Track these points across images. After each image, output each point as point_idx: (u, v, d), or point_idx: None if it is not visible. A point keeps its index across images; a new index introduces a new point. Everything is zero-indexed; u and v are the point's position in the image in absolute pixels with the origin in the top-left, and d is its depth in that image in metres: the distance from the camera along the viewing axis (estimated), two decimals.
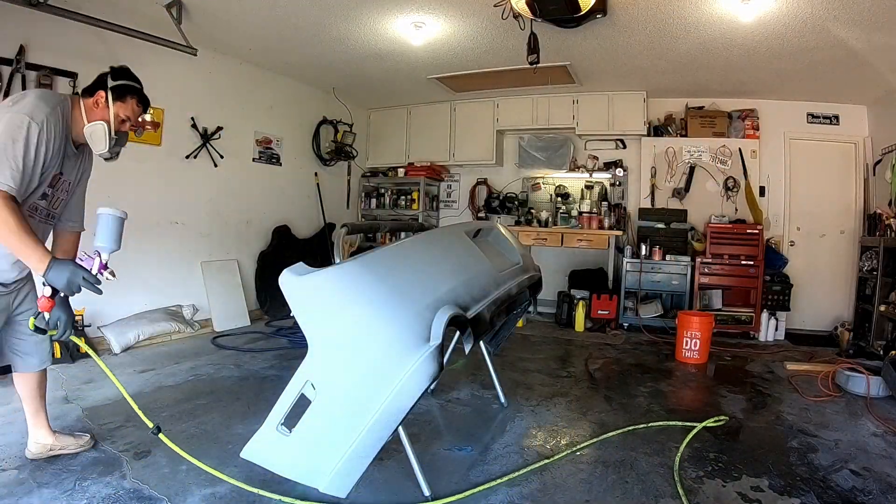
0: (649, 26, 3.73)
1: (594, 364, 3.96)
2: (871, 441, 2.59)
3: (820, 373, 3.57)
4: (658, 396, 3.24)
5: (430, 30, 3.97)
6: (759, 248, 4.94)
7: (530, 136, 6.07)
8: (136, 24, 3.66)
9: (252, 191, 5.18)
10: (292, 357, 3.81)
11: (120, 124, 1.90)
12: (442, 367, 1.60)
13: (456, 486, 2.04)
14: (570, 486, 2.07)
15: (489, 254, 2.37)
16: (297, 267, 1.65)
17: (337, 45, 4.41)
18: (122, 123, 1.91)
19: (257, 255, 5.26)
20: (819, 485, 2.10)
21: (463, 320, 1.78)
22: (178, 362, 3.58)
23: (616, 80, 5.14)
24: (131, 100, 1.91)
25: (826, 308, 5.30)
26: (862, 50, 3.82)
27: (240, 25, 4.03)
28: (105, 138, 1.83)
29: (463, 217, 6.58)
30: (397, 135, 6.61)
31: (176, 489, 1.93)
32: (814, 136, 5.33)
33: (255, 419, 2.53)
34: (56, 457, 2.12)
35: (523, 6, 3.25)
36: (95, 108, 1.85)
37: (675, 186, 5.55)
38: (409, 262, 1.89)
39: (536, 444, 2.47)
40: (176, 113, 4.34)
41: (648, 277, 5.20)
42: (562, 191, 6.06)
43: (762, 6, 3.26)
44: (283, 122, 5.51)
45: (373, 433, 1.57)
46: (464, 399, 3.07)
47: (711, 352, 4.16)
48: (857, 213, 5.21)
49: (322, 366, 1.63)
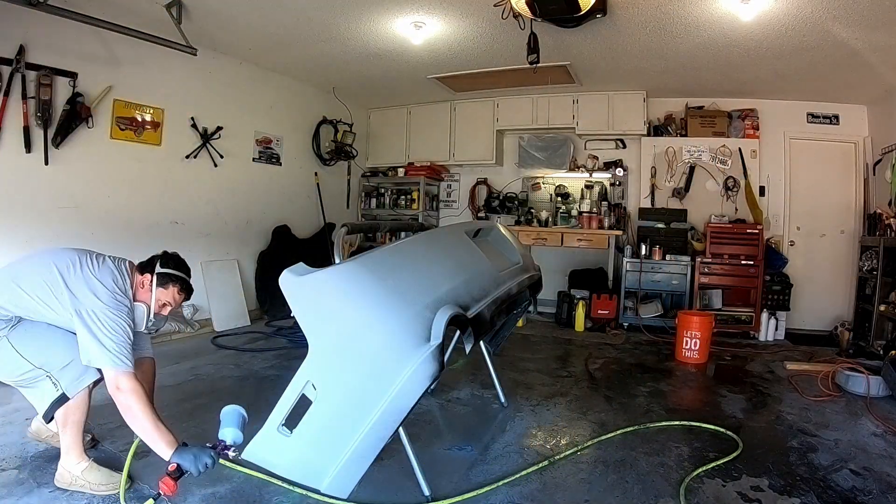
0: (649, 26, 3.73)
1: (594, 364, 3.96)
2: (871, 441, 2.60)
3: (820, 373, 3.57)
4: (658, 396, 3.24)
5: (430, 30, 3.97)
6: (759, 247, 4.94)
7: (530, 136, 6.07)
8: (136, 23, 3.65)
9: (252, 191, 5.18)
10: (292, 357, 3.81)
11: (160, 308, 2.01)
12: (442, 367, 1.60)
13: (456, 485, 2.04)
14: (570, 486, 2.07)
15: (489, 253, 2.37)
16: (297, 267, 1.65)
17: (337, 45, 4.41)
18: (162, 307, 2.02)
19: (257, 255, 5.26)
20: (819, 484, 2.11)
21: (463, 320, 1.78)
22: (178, 362, 3.58)
23: (616, 79, 5.14)
24: (173, 287, 2.02)
25: (826, 308, 5.30)
26: (862, 50, 3.82)
27: (240, 25, 4.03)
28: (143, 319, 1.97)
29: (463, 217, 6.58)
30: (397, 135, 6.61)
31: None
32: (814, 135, 5.33)
33: (255, 419, 2.52)
34: (56, 456, 2.11)
35: (523, 6, 3.25)
36: (141, 288, 1.99)
37: (675, 186, 5.55)
38: (409, 261, 1.89)
39: (536, 444, 2.47)
40: (176, 113, 4.34)
41: (648, 277, 5.19)
42: (562, 191, 6.06)
43: (762, 6, 3.26)
44: (283, 122, 5.50)
45: (373, 433, 1.57)
46: (464, 399, 3.07)
47: (711, 352, 4.16)
48: (856, 212, 5.21)
49: (323, 366, 1.63)
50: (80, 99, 3.58)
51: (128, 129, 3.98)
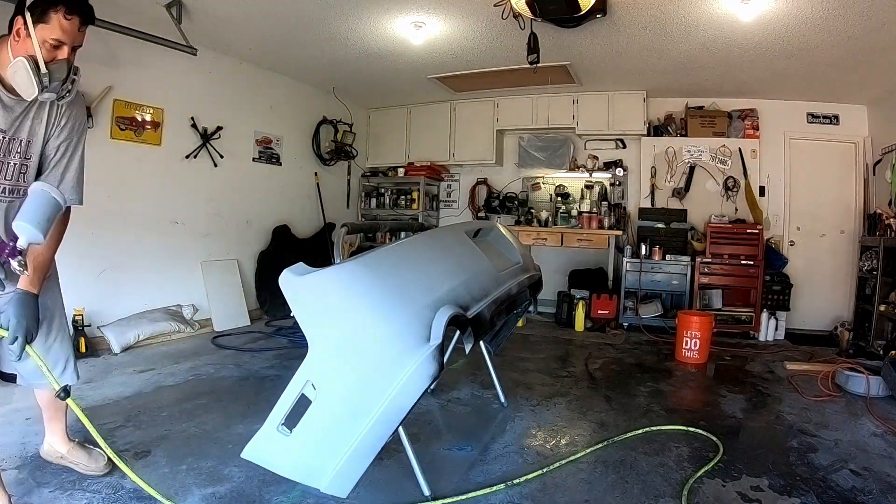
0: (649, 26, 3.73)
1: (594, 364, 3.96)
2: (870, 441, 2.60)
3: (820, 373, 3.58)
4: (658, 396, 3.24)
5: (430, 30, 3.97)
6: (759, 247, 4.94)
7: (530, 136, 6.07)
8: (135, 23, 3.65)
9: (252, 191, 5.18)
10: (292, 357, 3.81)
11: (52, 52, 1.43)
12: (442, 367, 1.60)
13: (456, 485, 2.04)
14: (570, 486, 2.07)
15: (489, 253, 2.37)
16: (297, 267, 1.65)
17: (337, 45, 4.41)
18: (54, 50, 1.43)
19: (257, 254, 5.26)
20: (819, 485, 2.10)
21: (463, 320, 1.78)
22: (178, 362, 3.58)
23: (616, 79, 5.14)
24: (55, 15, 1.40)
25: (826, 308, 5.30)
26: (862, 50, 3.82)
27: (240, 25, 4.03)
28: (30, 76, 1.39)
29: (463, 217, 6.58)
30: (397, 135, 6.61)
31: (176, 489, 1.93)
32: (814, 135, 5.33)
33: (255, 419, 2.53)
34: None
35: (523, 6, 3.25)
36: (17, 41, 1.42)
37: (675, 186, 5.55)
38: (409, 261, 1.89)
39: (536, 444, 2.47)
40: (176, 113, 4.34)
41: (648, 277, 5.20)
42: (562, 190, 6.06)
43: (762, 6, 3.26)
44: (283, 122, 5.51)
45: (373, 433, 1.57)
46: (464, 399, 3.07)
47: (711, 352, 4.16)
48: (856, 212, 5.21)
49: (322, 366, 1.63)
50: None
51: (128, 129, 3.98)
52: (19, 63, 1.39)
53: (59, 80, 1.46)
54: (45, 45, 1.41)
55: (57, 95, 1.48)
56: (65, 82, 1.48)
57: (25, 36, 1.40)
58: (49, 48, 1.42)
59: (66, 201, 1.56)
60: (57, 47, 1.43)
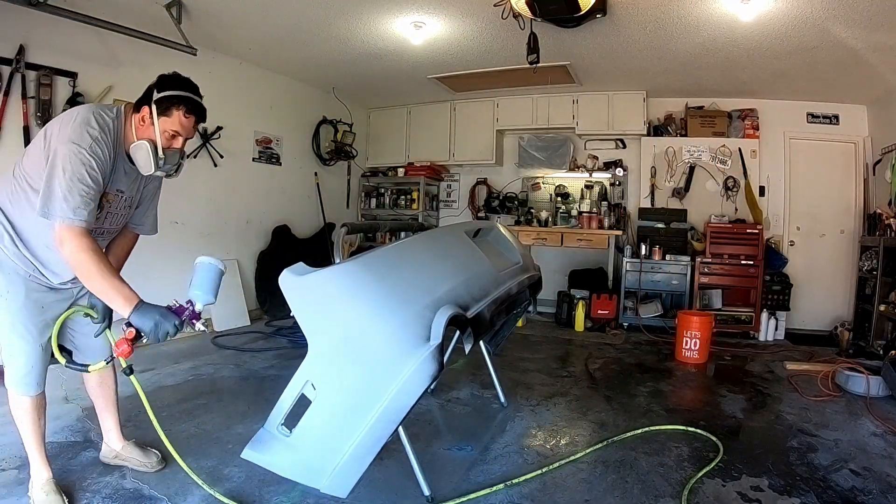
0: (649, 26, 3.73)
1: (594, 364, 3.96)
2: (870, 441, 2.60)
3: (820, 372, 3.58)
4: (658, 396, 3.24)
5: (430, 30, 3.97)
6: (758, 247, 4.94)
7: (530, 136, 6.07)
8: (135, 23, 3.65)
9: (252, 191, 5.18)
10: (292, 357, 3.81)
11: (169, 140, 1.70)
12: (442, 367, 1.60)
13: (456, 485, 2.04)
14: (570, 486, 2.07)
15: (489, 253, 2.37)
16: (296, 267, 1.65)
17: (337, 45, 4.41)
18: (171, 139, 1.70)
19: (257, 254, 5.26)
20: (819, 484, 2.11)
21: (463, 320, 1.78)
22: (177, 362, 3.59)
23: (616, 79, 5.14)
24: (177, 112, 1.68)
25: (826, 308, 5.30)
26: (862, 50, 3.82)
27: (240, 25, 4.03)
28: (149, 158, 1.66)
29: (463, 217, 6.58)
30: (397, 135, 6.61)
31: (176, 489, 1.93)
32: (814, 135, 5.33)
33: (255, 419, 2.54)
34: (55, 456, 2.11)
35: (523, 6, 3.25)
36: (142, 125, 1.69)
37: (675, 186, 5.55)
38: (408, 261, 1.89)
39: (536, 444, 2.48)
40: None
41: (648, 277, 5.19)
42: (562, 190, 6.06)
43: (762, 6, 3.26)
44: (283, 122, 5.50)
45: (373, 433, 1.57)
46: (464, 399, 3.07)
47: (711, 351, 4.16)
48: (856, 212, 5.21)
49: (322, 366, 1.63)
50: (80, 99, 3.58)
51: None
52: (143, 144, 1.66)
53: (172, 164, 1.75)
54: (165, 135, 1.68)
55: (166, 174, 1.77)
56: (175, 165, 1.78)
57: (150, 123, 1.67)
58: (168, 137, 1.69)
59: (153, 232, 2.10)
60: (174, 137, 1.71)
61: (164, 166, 1.71)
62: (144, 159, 1.67)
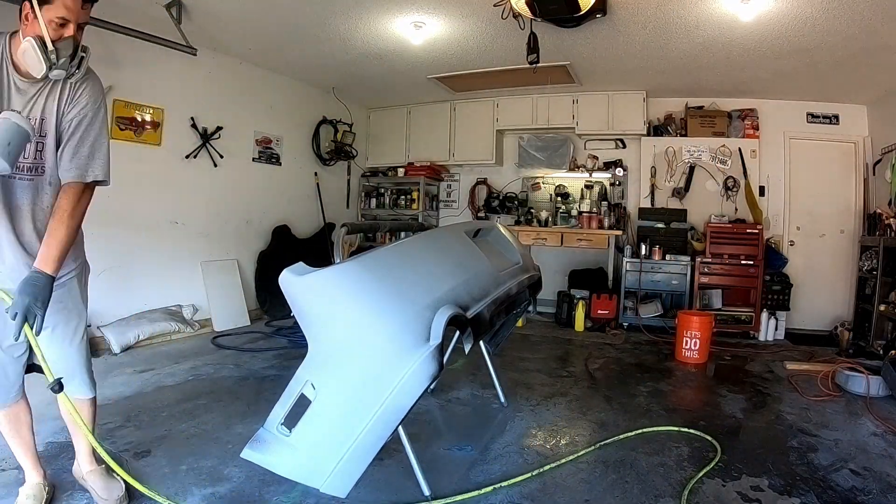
0: (649, 26, 3.73)
1: (594, 364, 3.96)
2: (870, 441, 2.60)
3: (820, 372, 3.58)
4: (658, 396, 3.24)
5: (429, 30, 3.97)
6: (758, 247, 4.94)
7: (530, 136, 6.06)
8: (135, 23, 3.65)
9: (252, 191, 5.18)
10: (292, 357, 3.81)
11: (58, 30, 1.46)
12: (442, 367, 1.60)
13: (456, 485, 2.04)
14: (570, 486, 2.07)
15: (489, 253, 2.37)
16: (296, 267, 1.65)
17: (337, 45, 4.41)
18: (60, 28, 1.46)
19: (257, 254, 5.26)
20: (819, 484, 2.11)
21: (463, 320, 1.78)
22: (177, 362, 3.58)
23: (616, 79, 5.14)
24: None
25: (826, 308, 5.29)
26: (862, 50, 3.82)
27: (240, 25, 4.03)
28: (37, 55, 1.43)
29: (463, 217, 6.58)
30: (397, 135, 6.61)
31: (176, 489, 1.93)
32: (814, 135, 5.33)
33: (255, 419, 2.54)
34: (55, 456, 2.11)
35: (523, 6, 3.25)
36: (26, 24, 1.46)
37: (675, 186, 5.55)
38: (408, 261, 1.89)
39: (536, 444, 2.48)
40: (175, 113, 4.34)
41: (648, 277, 5.19)
42: (562, 190, 6.06)
43: (762, 6, 3.26)
44: (283, 122, 5.50)
45: (373, 433, 1.57)
46: (464, 399, 3.07)
47: (711, 351, 4.16)
48: (856, 212, 5.21)
49: (322, 366, 1.63)
50: None
51: (128, 129, 3.98)
52: (27, 43, 1.43)
53: (67, 56, 1.48)
54: (52, 25, 1.44)
55: (66, 73, 1.51)
56: (73, 59, 1.50)
57: (33, 18, 1.44)
58: (55, 27, 1.45)
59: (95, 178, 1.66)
60: (63, 25, 1.46)
61: (60, 62, 1.47)
62: (32, 58, 1.44)
